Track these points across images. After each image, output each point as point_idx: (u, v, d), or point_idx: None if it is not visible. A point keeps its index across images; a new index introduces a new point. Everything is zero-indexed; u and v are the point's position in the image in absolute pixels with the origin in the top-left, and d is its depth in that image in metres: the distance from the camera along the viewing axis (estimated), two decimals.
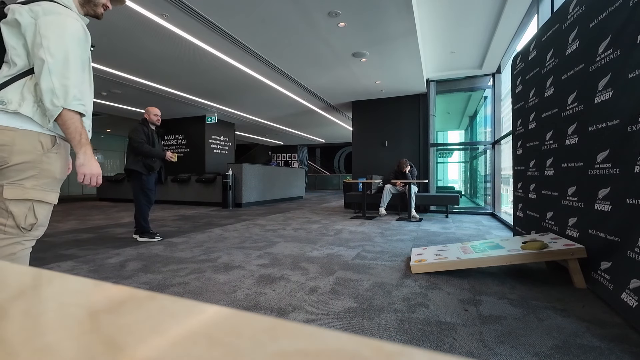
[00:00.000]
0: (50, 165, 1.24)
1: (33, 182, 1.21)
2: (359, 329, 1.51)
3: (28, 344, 0.18)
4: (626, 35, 1.73)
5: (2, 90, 1.14)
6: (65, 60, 1.16)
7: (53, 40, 1.14)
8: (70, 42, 1.18)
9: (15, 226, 1.20)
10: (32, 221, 1.22)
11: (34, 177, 1.21)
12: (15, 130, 1.16)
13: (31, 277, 0.28)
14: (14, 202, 1.18)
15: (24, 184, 1.19)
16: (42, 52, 1.12)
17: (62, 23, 1.17)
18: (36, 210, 1.23)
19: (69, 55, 1.17)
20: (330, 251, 3.03)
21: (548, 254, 2.10)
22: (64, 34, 1.17)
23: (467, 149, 10.70)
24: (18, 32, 1.15)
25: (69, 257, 2.78)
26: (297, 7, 3.57)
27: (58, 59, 1.14)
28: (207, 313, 0.22)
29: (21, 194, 1.19)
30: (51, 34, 1.14)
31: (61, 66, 1.15)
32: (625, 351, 1.31)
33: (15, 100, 1.15)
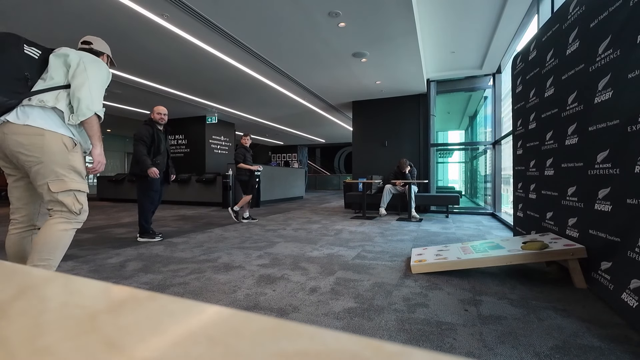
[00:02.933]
0: (75, 162, 1.62)
1: (69, 176, 1.57)
2: (359, 329, 1.51)
3: (28, 344, 0.18)
4: (626, 35, 1.73)
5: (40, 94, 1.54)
6: (97, 84, 1.67)
7: (93, 72, 1.65)
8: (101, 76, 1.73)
9: (69, 211, 1.58)
10: (79, 206, 1.62)
11: (68, 172, 1.58)
12: (43, 134, 1.51)
13: (31, 277, 0.28)
14: (62, 194, 1.55)
15: (63, 178, 1.55)
16: (85, 73, 1.61)
17: (99, 65, 1.74)
18: (78, 197, 1.61)
19: (100, 82, 1.70)
20: (331, 251, 3.03)
21: (548, 254, 2.09)
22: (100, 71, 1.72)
23: (467, 149, 10.70)
24: (64, 61, 1.63)
25: (69, 257, 2.78)
26: (297, 7, 3.57)
27: (93, 82, 1.63)
28: (207, 313, 0.22)
29: (64, 186, 1.55)
30: (92, 68, 1.67)
31: (95, 86, 1.64)
32: (625, 351, 1.31)
33: (51, 100, 1.55)
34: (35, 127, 1.49)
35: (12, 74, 1.47)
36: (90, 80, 1.60)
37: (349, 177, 14.12)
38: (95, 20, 3.87)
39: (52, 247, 1.53)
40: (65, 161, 1.56)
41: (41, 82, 1.57)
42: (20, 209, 1.65)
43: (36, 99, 1.52)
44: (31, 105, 1.51)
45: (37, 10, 3.65)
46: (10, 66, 1.47)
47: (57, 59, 1.62)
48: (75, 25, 3.99)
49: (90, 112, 1.58)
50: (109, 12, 3.67)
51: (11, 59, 1.48)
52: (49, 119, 1.54)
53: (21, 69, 1.50)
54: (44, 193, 1.55)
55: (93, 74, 1.63)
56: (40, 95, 1.53)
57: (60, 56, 1.62)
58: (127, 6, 3.54)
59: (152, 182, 3.54)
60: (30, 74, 1.53)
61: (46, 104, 1.52)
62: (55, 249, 1.55)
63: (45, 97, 1.53)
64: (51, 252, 1.54)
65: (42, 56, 1.61)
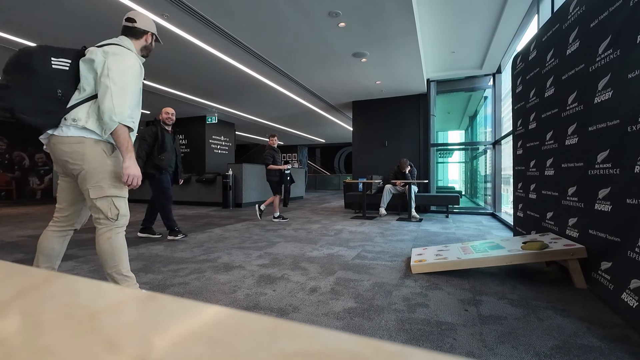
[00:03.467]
0: (114, 167, 1.60)
1: (107, 182, 1.57)
2: (359, 329, 1.51)
3: (28, 344, 0.18)
4: (626, 35, 1.73)
5: (74, 110, 1.53)
6: (124, 88, 1.53)
7: (116, 72, 1.52)
8: (130, 76, 1.57)
9: (105, 218, 1.58)
10: (115, 212, 1.59)
11: (107, 178, 1.57)
12: (83, 142, 1.53)
13: (31, 277, 0.28)
14: (99, 200, 1.56)
15: (102, 185, 1.56)
16: (107, 80, 1.50)
17: (126, 63, 1.57)
18: (116, 203, 1.59)
19: (126, 85, 1.54)
20: (331, 251, 3.03)
21: (548, 254, 2.09)
22: (127, 70, 1.56)
23: (467, 149, 10.70)
24: (91, 67, 1.55)
25: (69, 257, 2.78)
26: (297, 7, 3.57)
27: (119, 86, 1.51)
28: (207, 313, 0.22)
29: (101, 192, 1.56)
30: (115, 68, 1.52)
31: (119, 91, 1.51)
32: (625, 351, 1.31)
33: (83, 118, 1.53)
34: (76, 137, 1.53)
35: (44, 95, 1.47)
36: (112, 88, 1.50)
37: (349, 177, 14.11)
38: (95, 20, 3.88)
39: (109, 255, 1.59)
40: (104, 167, 1.57)
41: (77, 93, 1.56)
42: (63, 209, 1.70)
43: (70, 118, 1.52)
44: (67, 125, 1.53)
45: (37, 10, 3.65)
46: (41, 87, 1.46)
47: (85, 66, 1.56)
48: (75, 25, 3.99)
49: (113, 122, 1.50)
50: (109, 12, 3.67)
51: (40, 79, 1.46)
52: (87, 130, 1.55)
53: (53, 88, 1.49)
54: (87, 199, 1.59)
55: (118, 77, 1.52)
56: (73, 113, 1.52)
57: (87, 62, 1.56)
58: (127, 6, 3.54)
59: (163, 180, 3.53)
60: (62, 90, 1.51)
61: (78, 123, 1.52)
62: (113, 255, 1.60)
63: (78, 115, 1.53)
64: (113, 259, 1.60)
65: (73, 64, 1.56)
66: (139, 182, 1.61)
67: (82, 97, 1.55)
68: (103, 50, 1.56)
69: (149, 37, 1.79)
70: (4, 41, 4.40)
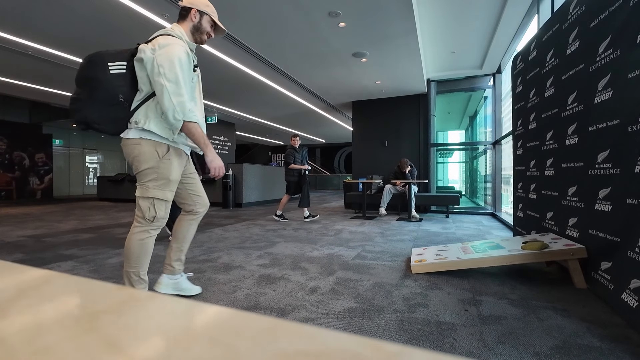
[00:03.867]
0: (165, 170, 1.60)
1: (154, 184, 1.59)
2: (359, 329, 1.51)
3: (28, 344, 0.18)
4: (626, 35, 1.73)
5: (135, 112, 1.56)
6: (177, 82, 1.49)
7: (167, 68, 1.48)
8: (178, 67, 1.50)
9: (143, 217, 1.59)
10: (153, 214, 1.59)
11: (154, 180, 1.59)
12: (140, 143, 1.56)
13: (31, 277, 0.28)
14: (141, 199, 1.59)
15: (148, 185, 1.58)
16: (160, 79, 1.47)
17: (171, 52, 1.50)
18: (156, 205, 1.60)
19: (179, 77, 1.50)
20: (331, 251, 3.03)
21: (548, 254, 2.09)
22: (174, 60, 1.49)
23: (467, 149, 10.70)
24: (142, 66, 1.53)
25: (69, 257, 2.78)
26: (297, 7, 3.57)
27: (172, 82, 1.48)
28: (207, 313, 0.22)
29: (145, 192, 1.58)
30: (165, 63, 1.48)
31: (174, 88, 1.48)
32: (625, 351, 1.31)
33: (142, 120, 1.54)
34: (135, 138, 1.57)
35: (109, 102, 1.51)
36: (167, 86, 1.47)
37: (349, 177, 14.11)
38: (95, 20, 3.88)
39: (135, 256, 1.62)
40: (154, 168, 1.58)
41: (137, 95, 1.58)
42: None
43: (133, 121, 1.56)
44: (130, 127, 1.58)
45: (37, 10, 3.65)
46: (105, 95, 1.50)
47: (138, 65, 1.55)
48: (75, 25, 3.99)
49: (178, 122, 1.50)
50: (109, 12, 3.67)
51: (103, 87, 1.49)
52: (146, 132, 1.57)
53: (115, 93, 1.51)
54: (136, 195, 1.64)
55: (169, 72, 1.48)
56: (135, 115, 1.56)
57: (138, 60, 1.54)
58: (127, 6, 3.54)
59: None
60: (123, 94, 1.53)
61: (138, 125, 1.55)
62: (138, 257, 1.62)
63: (138, 117, 1.55)
64: (137, 260, 1.62)
65: (129, 65, 1.55)
66: (223, 172, 1.63)
67: (141, 98, 1.57)
68: (152, 44, 1.53)
69: (195, 14, 1.64)
70: (4, 41, 4.40)
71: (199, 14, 1.65)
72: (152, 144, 1.56)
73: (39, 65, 5.29)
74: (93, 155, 13.83)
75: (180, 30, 1.63)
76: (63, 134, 12.46)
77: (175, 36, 1.58)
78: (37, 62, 5.17)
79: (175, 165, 1.63)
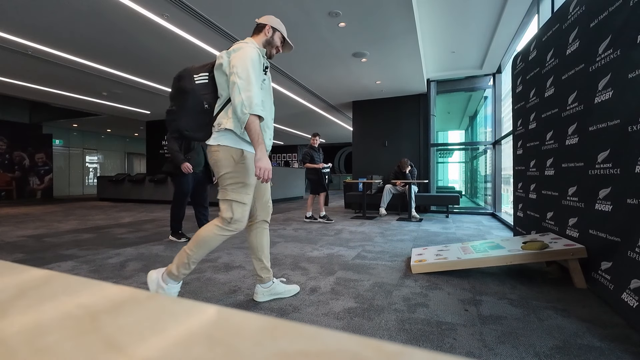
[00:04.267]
0: (241, 174, 1.68)
1: (232, 187, 1.68)
2: (359, 329, 1.51)
3: (28, 344, 0.18)
4: (626, 35, 1.73)
5: (217, 117, 1.67)
6: (248, 79, 1.58)
7: (239, 67, 1.58)
8: (250, 65, 1.60)
9: (222, 217, 1.68)
10: (230, 216, 1.67)
11: (232, 184, 1.68)
12: (218, 150, 1.66)
13: (31, 277, 0.28)
14: (221, 202, 1.69)
15: (227, 188, 1.68)
16: (233, 77, 1.58)
17: (244, 53, 1.62)
18: (234, 208, 1.67)
19: (250, 75, 1.58)
20: (331, 251, 3.03)
21: (548, 254, 2.09)
22: (246, 60, 1.60)
23: (467, 149, 10.70)
24: (221, 71, 1.66)
25: (69, 257, 2.79)
26: (297, 7, 3.57)
27: (243, 79, 1.57)
28: (207, 313, 0.22)
29: (225, 195, 1.68)
30: (238, 63, 1.59)
31: (245, 84, 1.57)
32: (625, 351, 1.31)
33: (223, 122, 1.65)
34: (214, 145, 1.67)
35: (196, 110, 1.67)
36: (238, 82, 1.57)
37: (349, 177, 14.11)
38: (95, 20, 3.88)
39: (200, 244, 1.69)
40: (231, 173, 1.67)
41: (218, 101, 1.70)
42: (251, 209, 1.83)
43: (216, 124, 1.67)
44: (214, 130, 1.69)
45: (37, 10, 3.65)
46: (193, 104, 1.66)
47: (217, 73, 1.68)
48: (75, 25, 3.99)
49: (245, 115, 1.56)
50: (109, 12, 3.67)
51: (191, 97, 1.65)
52: (224, 137, 1.66)
53: (201, 102, 1.67)
54: None
55: (241, 70, 1.58)
56: (217, 119, 1.67)
57: (218, 67, 1.67)
58: (127, 6, 3.54)
59: (181, 180, 3.44)
60: (207, 101, 1.68)
61: (220, 126, 1.65)
62: (201, 247, 1.69)
63: (220, 119, 1.66)
64: (198, 246, 1.69)
65: (210, 75, 1.70)
66: (270, 175, 1.64)
67: (221, 103, 1.69)
68: (227, 52, 1.67)
69: (268, 29, 1.82)
70: (4, 41, 4.40)
71: (272, 30, 1.84)
72: (227, 150, 1.66)
73: (39, 65, 5.29)
74: (93, 155, 13.84)
75: (253, 41, 1.78)
76: (63, 134, 12.47)
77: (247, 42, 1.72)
78: (37, 62, 5.17)
79: (251, 169, 1.71)
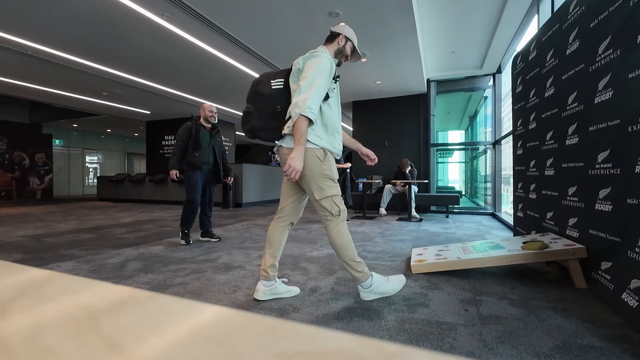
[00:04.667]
0: (328, 171, 1.76)
1: (326, 184, 1.75)
2: (359, 329, 1.51)
3: (28, 344, 0.18)
4: (626, 35, 1.73)
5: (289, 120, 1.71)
6: (312, 84, 1.66)
7: (309, 73, 1.68)
8: (319, 73, 1.69)
9: (331, 214, 1.76)
10: (337, 209, 1.77)
11: (325, 181, 1.75)
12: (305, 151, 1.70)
13: (31, 277, 0.28)
14: (323, 200, 1.75)
15: (322, 187, 1.75)
16: (301, 80, 1.68)
17: (317, 61, 1.72)
18: (336, 201, 1.77)
19: (315, 80, 1.67)
20: (331, 251, 3.03)
21: (548, 254, 2.09)
22: (317, 68, 1.69)
23: (467, 149, 10.70)
24: (296, 77, 1.77)
25: (69, 257, 2.79)
26: (297, 7, 3.57)
27: (308, 82, 1.66)
28: (207, 313, 0.22)
29: (324, 193, 1.75)
30: (309, 70, 1.70)
31: (308, 87, 1.65)
32: (625, 351, 1.31)
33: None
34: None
35: (270, 113, 1.77)
36: (302, 85, 1.66)
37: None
38: (95, 20, 3.88)
39: (343, 246, 1.77)
40: (321, 171, 1.74)
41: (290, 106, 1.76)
42: (284, 208, 1.91)
43: (287, 128, 1.73)
44: (286, 133, 1.75)
45: (37, 10, 3.65)
46: (267, 107, 1.77)
47: (292, 79, 1.78)
48: (75, 26, 3.99)
49: (295, 115, 1.63)
50: (109, 12, 3.67)
51: (266, 101, 1.77)
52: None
53: (274, 105, 1.77)
54: (311, 199, 1.80)
55: (309, 75, 1.67)
56: (289, 122, 1.72)
57: (295, 74, 1.77)
58: (127, 6, 3.54)
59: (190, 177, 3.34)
60: (281, 105, 1.78)
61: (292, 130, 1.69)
62: (346, 246, 1.78)
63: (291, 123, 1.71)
64: (347, 248, 1.77)
65: (285, 81, 1.80)
66: (297, 177, 1.67)
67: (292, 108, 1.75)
68: (303, 57, 1.77)
69: (341, 39, 1.90)
70: (4, 41, 4.40)
71: (345, 40, 1.91)
72: (312, 151, 1.73)
73: (39, 65, 5.29)
74: (93, 155, 13.84)
75: (326, 49, 1.88)
76: (63, 134, 12.47)
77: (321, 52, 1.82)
78: (37, 62, 5.17)
79: (334, 165, 1.81)
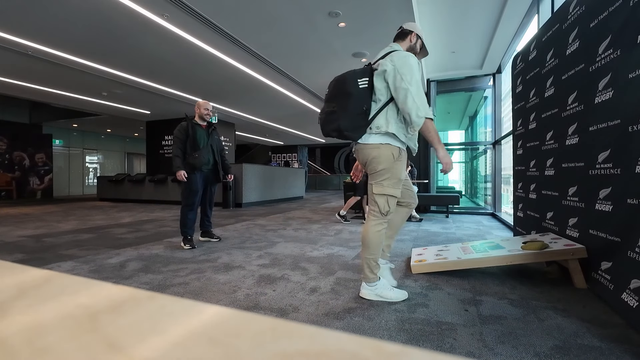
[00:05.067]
0: (397, 170, 1.80)
1: (388, 182, 1.79)
2: (359, 329, 1.51)
3: (28, 344, 0.18)
4: (626, 35, 1.73)
5: (374, 119, 1.78)
6: (418, 86, 1.71)
7: (408, 75, 1.71)
8: (416, 73, 1.74)
9: (379, 212, 1.80)
10: (387, 209, 1.80)
11: (389, 179, 1.79)
12: (379, 147, 1.77)
13: (31, 277, 0.28)
14: (378, 196, 1.79)
15: (383, 184, 1.79)
16: (404, 84, 1.70)
17: (409, 62, 1.75)
18: (389, 201, 1.80)
19: (418, 82, 1.72)
20: (331, 251, 3.03)
21: (548, 254, 2.09)
22: (412, 69, 1.73)
23: (467, 149, 10.70)
24: (382, 78, 1.77)
25: (70, 257, 2.79)
26: (297, 7, 3.57)
27: (414, 86, 1.70)
28: (207, 313, 0.22)
29: (382, 190, 1.79)
30: (406, 71, 1.71)
31: (416, 90, 1.70)
32: (625, 351, 1.31)
33: (383, 124, 1.77)
34: (375, 143, 1.78)
35: (357, 112, 1.77)
36: (410, 89, 1.68)
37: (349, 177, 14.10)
38: (95, 20, 3.88)
39: (374, 244, 1.81)
40: (391, 169, 1.78)
41: (374, 104, 1.80)
42: None
43: (374, 127, 1.77)
44: (369, 133, 1.79)
45: (37, 10, 3.65)
46: (355, 106, 1.77)
47: (377, 79, 1.79)
48: (75, 26, 3.99)
49: (420, 119, 1.68)
50: (109, 12, 3.67)
51: (354, 100, 1.76)
52: (384, 138, 1.78)
53: (361, 104, 1.78)
54: (369, 191, 1.85)
55: (409, 77, 1.70)
56: (375, 121, 1.77)
57: (380, 74, 1.78)
58: (127, 6, 3.54)
59: (190, 179, 3.20)
60: (366, 105, 1.78)
61: (380, 129, 1.76)
62: (377, 245, 1.82)
63: (379, 122, 1.77)
64: (375, 248, 1.82)
65: (369, 81, 1.80)
66: (451, 168, 1.77)
67: (378, 107, 1.79)
68: (390, 59, 1.78)
69: (413, 37, 1.95)
70: (4, 41, 4.40)
71: (417, 38, 1.96)
72: (389, 148, 1.77)
73: (39, 65, 5.29)
74: (93, 155, 13.84)
75: (399, 47, 1.89)
76: (63, 134, 12.47)
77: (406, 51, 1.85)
78: (37, 62, 5.18)
79: (403, 166, 1.84)
